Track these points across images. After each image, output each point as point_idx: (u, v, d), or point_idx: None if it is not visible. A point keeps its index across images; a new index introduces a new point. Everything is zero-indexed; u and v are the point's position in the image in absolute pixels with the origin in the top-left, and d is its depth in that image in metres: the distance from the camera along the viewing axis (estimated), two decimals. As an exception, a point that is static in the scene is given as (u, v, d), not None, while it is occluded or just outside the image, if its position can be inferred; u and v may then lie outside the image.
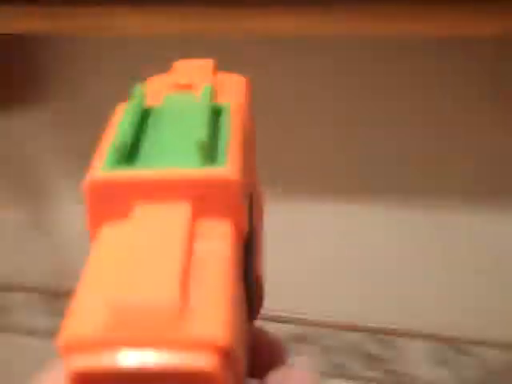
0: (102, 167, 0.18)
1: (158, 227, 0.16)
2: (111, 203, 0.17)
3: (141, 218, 0.17)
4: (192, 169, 0.17)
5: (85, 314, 0.15)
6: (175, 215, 0.17)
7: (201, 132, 0.18)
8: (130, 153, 0.18)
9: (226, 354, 0.15)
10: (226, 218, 0.18)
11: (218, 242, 0.17)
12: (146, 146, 0.19)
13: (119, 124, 0.18)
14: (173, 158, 0.18)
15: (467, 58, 0.65)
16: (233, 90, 0.21)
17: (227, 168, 0.18)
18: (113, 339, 0.14)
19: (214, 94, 0.20)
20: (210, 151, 0.18)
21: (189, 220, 0.17)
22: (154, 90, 0.21)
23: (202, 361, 0.14)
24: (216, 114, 0.20)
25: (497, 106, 0.66)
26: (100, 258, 0.16)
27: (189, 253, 0.16)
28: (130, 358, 0.14)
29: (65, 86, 0.73)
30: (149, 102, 0.20)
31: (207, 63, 0.22)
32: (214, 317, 0.15)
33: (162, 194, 0.17)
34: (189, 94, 0.20)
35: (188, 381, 0.14)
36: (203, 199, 0.18)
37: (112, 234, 0.17)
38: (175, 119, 0.19)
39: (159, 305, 0.14)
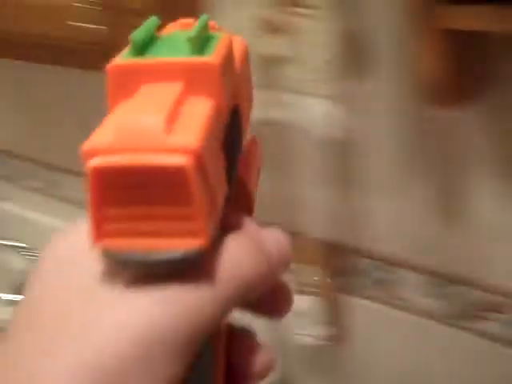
0: (119, 58, 0.24)
1: (156, 92, 0.23)
2: (124, 85, 0.24)
3: (145, 89, 0.24)
4: (183, 57, 0.24)
5: (101, 133, 0.22)
6: (170, 88, 0.23)
7: (192, 32, 0.25)
8: (141, 53, 0.25)
9: (197, 156, 0.21)
10: (209, 96, 0.24)
11: (200, 105, 0.23)
12: (153, 49, 0.25)
13: (134, 33, 0.25)
14: (171, 53, 0.25)
15: None
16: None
17: (210, 57, 0.24)
18: (117, 147, 0.21)
19: (209, 25, 0.26)
20: (199, 48, 0.24)
21: (180, 91, 0.23)
22: (169, 29, 0.28)
23: (177, 159, 0.21)
24: (208, 38, 0.26)
25: None
26: (115, 106, 0.24)
27: (177, 104, 0.23)
28: (128, 159, 0.21)
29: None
30: (161, 33, 0.27)
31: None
32: (190, 133, 0.22)
33: (161, 76, 0.24)
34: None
35: (168, 176, 0.21)
36: (192, 80, 0.24)
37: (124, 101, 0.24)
38: (175, 37, 0.26)
39: (150, 124, 0.21)
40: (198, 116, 0.23)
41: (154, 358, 0.21)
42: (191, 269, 0.22)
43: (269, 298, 0.26)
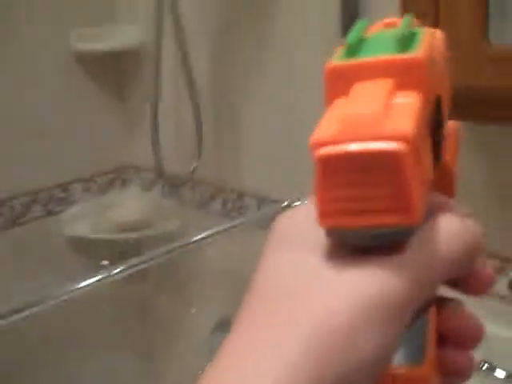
0: (335, 59, 0.28)
1: (371, 87, 0.26)
2: (340, 84, 0.27)
3: (359, 86, 0.26)
4: (392, 55, 0.27)
5: (324, 125, 0.25)
6: (382, 84, 0.26)
7: (399, 31, 0.28)
8: (353, 53, 0.28)
9: (411, 142, 0.24)
10: (418, 88, 0.26)
11: (410, 97, 0.26)
12: (364, 50, 0.28)
13: (348, 36, 0.28)
14: (381, 51, 0.27)
15: None
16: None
17: (417, 52, 0.27)
18: (341, 137, 0.24)
19: (412, 22, 0.29)
20: (406, 45, 0.27)
21: (392, 85, 0.26)
22: (374, 29, 0.31)
23: (394, 145, 0.24)
24: (413, 34, 0.29)
25: None
26: (332, 102, 0.27)
27: (390, 96, 0.26)
28: (351, 147, 0.24)
29: None
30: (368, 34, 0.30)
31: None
32: (404, 123, 0.24)
33: (373, 74, 0.27)
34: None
35: (385, 161, 0.24)
36: (401, 76, 0.26)
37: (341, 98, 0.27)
38: (382, 36, 0.29)
39: (368, 116, 0.24)
40: (409, 107, 0.25)
41: (377, 318, 0.24)
42: (405, 245, 0.25)
43: (470, 277, 0.28)
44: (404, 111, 0.25)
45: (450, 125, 0.33)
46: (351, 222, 0.25)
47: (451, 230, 0.27)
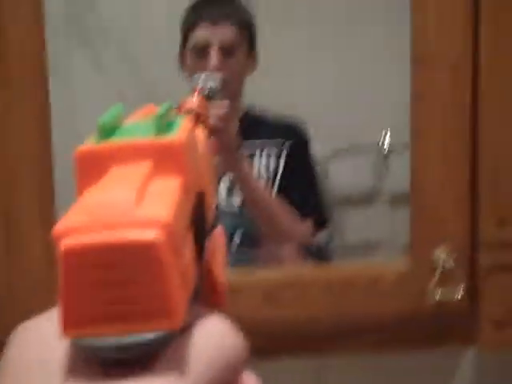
0: (86, 143, 0.25)
1: (125, 172, 0.23)
2: (93, 169, 0.24)
3: (113, 171, 0.24)
4: (149, 137, 0.25)
5: (71, 214, 0.22)
6: (138, 168, 0.24)
7: (157, 113, 0.25)
8: (107, 137, 0.25)
9: (168, 230, 0.21)
10: (176, 174, 0.24)
11: (169, 182, 0.23)
12: (118, 134, 0.26)
13: (100, 118, 0.25)
14: (136, 135, 0.25)
15: None
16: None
17: (175, 135, 0.25)
18: (86, 226, 0.21)
19: (172, 111, 0.27)
20: (163, 128, 0.25)
21: (148, 169, 0.23)
22: (132, 117, 0.29)
23: (148, 233, 0.20)
24: (172, 122, 0.27)
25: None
26: (85, 190, 0.24)
27: (146, 181, 0.23)
28: (98, 237, 0.20)
29: None
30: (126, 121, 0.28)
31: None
32: (160, 208, 0.21)
33: (128, 158, 0.24)
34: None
35: (138, 251, 0.20)
36: (159, 159, 0.24)
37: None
38: (139, 122, 0.27)
39: (119, 201, 0.21)
40: (166, 192, 0.23)
41: None
42: (164, 353, 0.22)
43: None
44: (160, 197, 0.22)
45: (219, 231, 0.30)
46: (100, 329, 0.21)
47: (211, 342, 0.23)
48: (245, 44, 0.98)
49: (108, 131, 0.25)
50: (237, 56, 0.98)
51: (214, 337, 0.24)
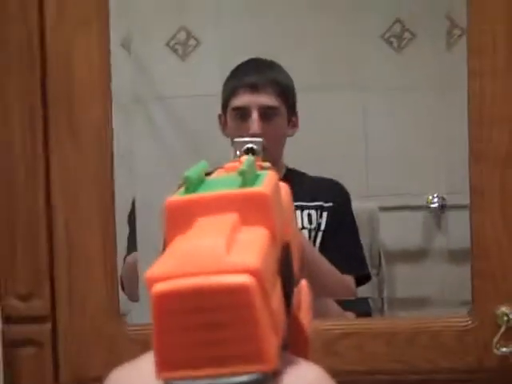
0: (175, 196, 0.26)
1: (214, 222, 0.24)
2: (181, 220, 0.25)
3: (201, 221, 0.25)
4: (235, 189, 0.25)
5: (163, 261, 0.23)
6: (225, 218, 0.24)
7: (242, 167, 0.26)
8: (194, 190, 0.26)
9: (258, 275, 0.21)
10: (263, 225, 0.25)
11: (256, 231, 0.24)
12: (205, 187, 0.27)
13: (188, 172, 0.27)
14: (222, 186, 0.26)
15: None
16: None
17: (260, 188, 0.25)
18: (179, 272, 0.22)
19: (255, 165, 0.28)
20: (249, 181, 0.26)
21: (235, 219, 0.24)
22: (216, 174, 0.30)
23: (240, 278, 0.21)
24: (257, 175, 0.28)
25: None
26: (173, 238, 0.24)
27: (234, 230, 0.24)
28: (191, 282, 0.21)
29: None
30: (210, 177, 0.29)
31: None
32: (249, 255, 0.22)
33: (215, 209, 0.25)
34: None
35: (230, 295, 0.21)
36: (245, 210, 0.24)
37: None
38: (224, 177, 0.28)
39: (210, 248, 0.22)
40: (254, 241, 0.23)
41: None
42: None
43: None
44: (249, 245, 0.23)
45: (303, 284, 0.31)
46: (194, 372, 0.21)
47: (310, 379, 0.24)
48: (284, 109, 1.00)
49: (194, 185, 0.26)
50: (276, 121, 0.99)
51: (304, 381, 0.24)
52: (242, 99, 0.99)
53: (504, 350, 0.84)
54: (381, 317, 1.02)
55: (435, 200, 1.07)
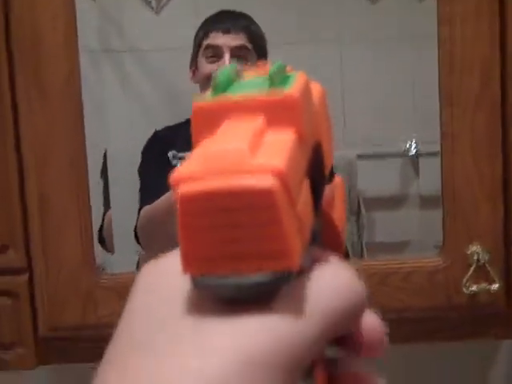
0: (202, 98, 0.26)
1: (240, 124, 0.24)
2: (208, 122, 0.25)
3: (227, 124, 0.24)
4: (263, 91, 0.25)
5: (188, 163, 0.23)
6: (252, 121, 0.24)
7: (271, 69, 0.26)
8: (222, 92, 0.26)
9: (282, 176, 0.21)
10: (291, 127, 0.24)
11: (283, 134, 0.24)
12: (234, 89, 0.26)
13: (216, 74, 0.26)
14: (251, 88, 0.26)
15: None
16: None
17: (289, 90, 0.25)
18: (203, 173, 0.22)
19: (285, 68, 0.27)
20: (278, 84, 0.25)
21: (262, 122, 0.24)
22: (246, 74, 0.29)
23: (263, 179, 0.21)
24: (286, 76, 0.27)
25: None
26: (200, 141, 0.25)
27: (261, 133, 0.24)
28: (214, 183, 0.21)
29: None
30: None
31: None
32: (273, 156, 0.22)
33: (243, 112, 0.24)
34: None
35: (255, 196, 0.21)
36: (273, 113, 0.24)
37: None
38: (254, 79, 0.27)
39: (234, 150, 0.22)
40: (280, 143, 0.23)
41: (255, 379, 0.21)
42: (282, 293, 0.22)
43: (358, 336, 0.26)
44: (274, 147, 0.23)
45: (337, 180, 0.30)
46: (218, 268, 0.22)
47: (335, 282, 0.24)
48: (256, 55, 1.02)
49: (223, 87, 0.26)
50: (248, 63, 1.01)
51: (335, 282, 0.24)
52: (215, 39, 1.01)
53: (473, 288, 0.86)
54: (356, 259, 1.03)
55: (412, 148, 1.07)
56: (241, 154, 0.22)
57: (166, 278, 0.25)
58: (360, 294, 0.25)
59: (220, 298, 0.23)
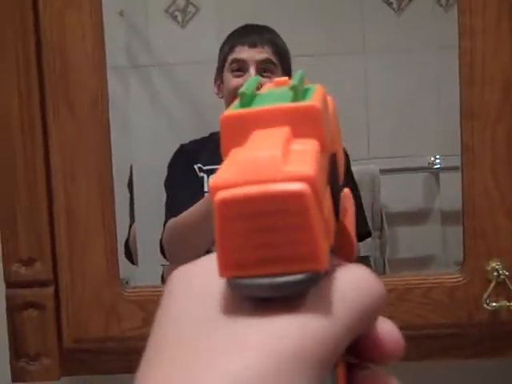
0: (230, 110, 0.27)
1: (269, 134, 0.26)
2: (236, 133, 0.26)
3: (256, 134, 0.26)
4: (287, 103, 0.27)
5: (224, 170, 0.24)
6: (279, 131, 0.26)
7: (293, 82, 0.27)
8: (248, 105, 0.27)
9: (313, 183, 0.23)
10: (314, 137, 0.26)
11: (308, 143, 0.25)
12: (258, 102, 0.28)
13: (242, 88, 0.28)
14: (275, 100, 0.27)
15: None
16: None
17: (312, 101, 0.26)
18: (239, 181, 0.23)
19: (304, 80, 0.29)
20: (300, 95, 0.27)
21: (289, 132, 0.26)
22: (265, 88, 0.31)
23: (296, 185, 0.23)
24: (306, 88, 0.29)
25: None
26: (229, 151, 0.26)
27: (288, 142, 0.25)
28: (250, 189, 0.23)
29: None
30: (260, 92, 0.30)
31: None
32: (303, 164, 0.24)
33: (269, 122, 0.26)
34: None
35: (287, 202, 0.23)
36: (297, 124, 0.26)
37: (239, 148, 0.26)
38: (274, 91, 0.29)
39: (267, 158, 0.24)
40: (307, 152, 0.25)
41: (290, 375, 0.22)
42: (311, 293, 0.24)
43: (373, 341, 0.27)
44: (303, 155, 0.25)
45: (347, 192, 0.32)
46: (253, 270, 0.23)
47: (355, 286, 0.26)
48: (281, 70, 1.03)
49: (248, 99, 0.27)
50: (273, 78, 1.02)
51: (357, 282, 0.26)
52: (240, 53, 1.02)
53: (494, 304, 0.86)
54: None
55: (437, 161, 1.07)
56: (274, 161, 0.24)
57: (198, 281, 0.26)
58: (381, 292, 0.26)
59: (253, 298, 0.24)
